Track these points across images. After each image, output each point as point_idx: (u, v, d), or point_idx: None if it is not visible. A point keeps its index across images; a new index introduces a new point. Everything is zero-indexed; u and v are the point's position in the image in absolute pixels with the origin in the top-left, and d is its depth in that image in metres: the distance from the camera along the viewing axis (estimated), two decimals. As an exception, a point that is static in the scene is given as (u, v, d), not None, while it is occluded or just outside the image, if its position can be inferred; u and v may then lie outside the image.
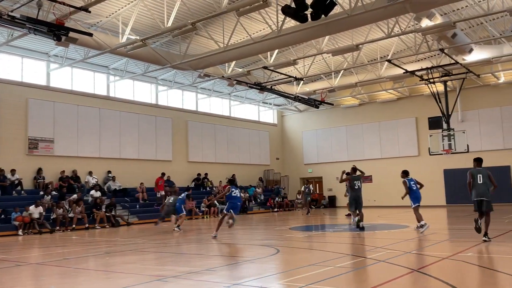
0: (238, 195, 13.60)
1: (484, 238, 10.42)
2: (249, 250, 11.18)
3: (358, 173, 15.05)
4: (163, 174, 24.44)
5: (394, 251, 9.46)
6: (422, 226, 13.30)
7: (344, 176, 15.00)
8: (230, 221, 13.11)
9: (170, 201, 16.84)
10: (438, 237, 12.09)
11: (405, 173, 14.38)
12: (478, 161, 11.00)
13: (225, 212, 13.40)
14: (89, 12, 14.17)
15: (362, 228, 13.97)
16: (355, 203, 14.55)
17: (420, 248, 9.73)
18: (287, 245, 11.44)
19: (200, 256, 10.29)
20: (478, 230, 10.58)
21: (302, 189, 27.62)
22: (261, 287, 6.41)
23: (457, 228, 14.78)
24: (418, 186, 14.01)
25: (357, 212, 14.56)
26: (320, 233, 14.47)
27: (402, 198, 14.25)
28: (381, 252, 9.44)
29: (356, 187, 14.56)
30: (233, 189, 13.42)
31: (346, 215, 20.64)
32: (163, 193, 23.20)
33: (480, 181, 10.61)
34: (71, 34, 13.61)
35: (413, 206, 13.66)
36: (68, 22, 14.90)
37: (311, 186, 27.38)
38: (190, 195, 21.69)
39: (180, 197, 16.78)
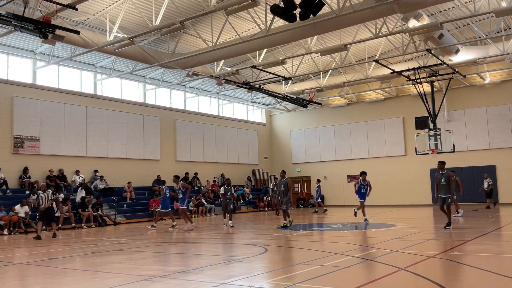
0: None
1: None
2: (237, 249, 11.17)
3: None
4: (154, 195, 22.65)
5: (381, 249, 9.53)
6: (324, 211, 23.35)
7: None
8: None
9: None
10: (424, 236, 12.20)
11: (318, 181, 23.82)
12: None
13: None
14: (76, 9, 14.05)
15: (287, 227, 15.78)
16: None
17: (406, 247, 9.81)
18: (275, 244, 11.45)
19: (188, 255, 10.26)
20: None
21: (271, 186, 27.79)
22: (249, 286, 6.41)
23: (443, 227, 14.91)
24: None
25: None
26: (308, 232, 14.52)
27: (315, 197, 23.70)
28: (368, 251, 9.50)
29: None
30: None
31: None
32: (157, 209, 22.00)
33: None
34: (58, 31, 13.44)
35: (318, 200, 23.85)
36: (55, 20, 14.75)
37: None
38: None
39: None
